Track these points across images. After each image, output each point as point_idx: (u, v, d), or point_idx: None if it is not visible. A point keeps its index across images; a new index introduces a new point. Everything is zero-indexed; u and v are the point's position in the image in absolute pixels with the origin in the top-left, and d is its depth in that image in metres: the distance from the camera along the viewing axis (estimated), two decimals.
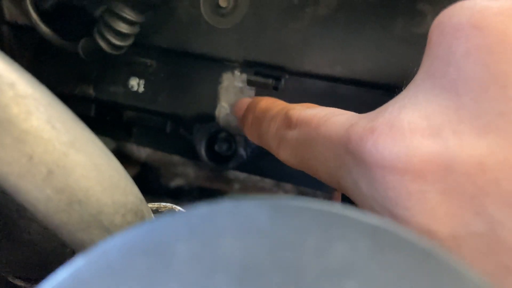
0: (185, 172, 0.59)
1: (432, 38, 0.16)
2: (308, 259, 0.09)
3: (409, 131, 0.15)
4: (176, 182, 0.63)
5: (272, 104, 0.26)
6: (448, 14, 0.16)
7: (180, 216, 0.10)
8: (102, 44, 0.29)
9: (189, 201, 0.60)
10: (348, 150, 0.17)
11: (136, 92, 0.35)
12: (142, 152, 0.55)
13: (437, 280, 0.09)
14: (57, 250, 0.23)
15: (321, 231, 0.09)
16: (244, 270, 0.09)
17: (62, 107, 0.16)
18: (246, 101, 0.30)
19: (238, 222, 0.09)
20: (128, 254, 0.09)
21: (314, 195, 0.40)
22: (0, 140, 0.14)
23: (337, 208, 0.10)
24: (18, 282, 0.23)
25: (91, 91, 0.36)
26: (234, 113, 0.32)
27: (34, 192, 0.15)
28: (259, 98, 0.28)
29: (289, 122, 0.22)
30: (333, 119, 0.19)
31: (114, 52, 0.30)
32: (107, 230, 0.16)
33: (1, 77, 0.14)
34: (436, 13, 0.29)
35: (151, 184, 0.62)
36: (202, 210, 0.10)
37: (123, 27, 0.28)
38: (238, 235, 0.09)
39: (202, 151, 0.37)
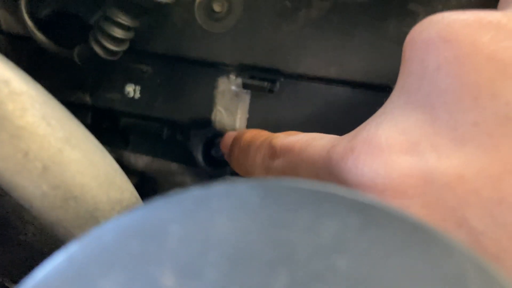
0: (183, 181, 0.59)
1: (405, 55, 0.17)
2: (299, 236, 0.09)
3: (387, 147, 0.15)
4: (174, 192, 0.63)
5: (256, 135, 0.26)
6: (418, 30, 0.16)
7: (174, 199, 0.10)
8: (97, 49, 0.29)
9: None
10: (330, 171, 0.17)
11: (132, 98, 0.36)
12: (140, 162, 0.55)
13: (426, 252, 0.09)
14: (53, 252, 0.23)
15: (311, 209, 0.09)
16: (236, 249, 0.09)
17: (57, 104, 0.16)
18: (231, 135, 0.31)
19: (230, 203, 0.10)
20: (122, 237, 0.09)
21: None
22: None
23: (327, 187, 0.10)
24: (13, 287, 0.23)
25: (87, 99, 0.37)
26: (221, 147, 0.33)
27: (30, 188, 0.15)
28: (244, 130, 0.29)
29: (273, 152, 0.22)
30: (314, 143, 0.19)
31: (109, 58, 0.30)
32: None
33: None
34: (427, 13, 0.30)
35: (149, 194, 0.62)
36: (195, 193, 0.10)
37: (117, 32, 0.28)
38: (231, 216, 0.09)
39: (199, 156, 0.38)
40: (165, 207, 0.10)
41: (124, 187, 0.17)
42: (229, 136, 0.31)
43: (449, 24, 0.15)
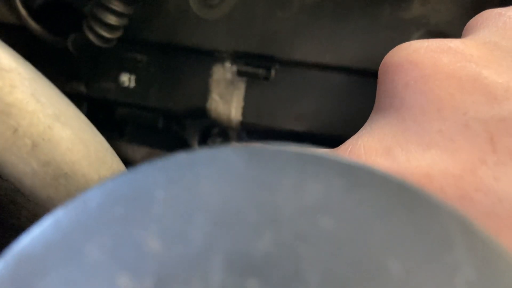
0: None
1: (379, 79, 0.19)
2: (284, 198, 0.09)
3: (364, 153, 0.17)
4: None
5: None
6: (390, 55, 0.19)
7: (158, 164, 0.10)
8: (91, 36, 0.29)
9: None
10: None
11: (127, 87, 0.36)
12: (137, 154, 0.55)
13: (411, 211, 0.09)
14: None
15: (296, 171, 0.09)
16: (221, 212, 0.09)
17: (47, 82, 0.16)
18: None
19: (215, 167, 0.10)
20: (107, 202, 0.09)
21: None
22: None
23: (311, 150, 0.10)
24: None
25: (82, 88, 0.37)
26: None
27: (20, 165, 0.15)
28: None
29: None
30: None
31: (103, 45, 0.30)
32: None
33: None
34: None
35: None
36: (180, 158, 0.10)
37: (111, 19, 0.28)
38: (216, 180, 0.09)
39: (196, 147, 0.37)
40: (150, 172, 0.10)
41: (115, 166, 0.17)
42: None
43: (415, 50, 0.18)
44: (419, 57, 0.18)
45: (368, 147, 0.17)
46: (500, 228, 0.14)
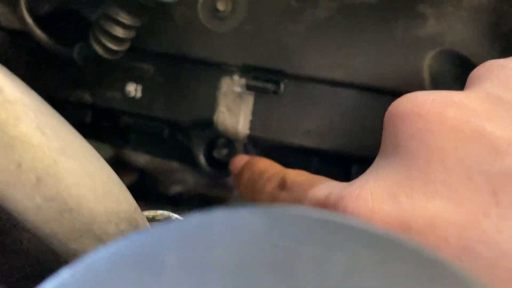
0: (184, 179, 0.58)
1: (385, 126, 0.20)
2: (307, 269, 0.08)
3: (371, 199, 0.18)
4: (175, 189, 0.62)
5: (269, 166, 0.30)
6: (396, 105, 0.20)
7: (171, 226, 0.09)
8: (98, 49, 0.28)
9: (188, 208, 0.59)
10: None
11: (133, 98, 0.35)
12: (141, 158, 0.54)
13: None
14: (50, 260, 0.22)
15: (319, 240, 0.09)
16: (237, 281, 0.08)
17: (53, 112, 0.16)
18: (244, 158, 0.34)
19: (231, 230, 0.09)
20: (116, 266, 0.09)
21: None
22: None
23: (337, 216, 0.09)
24: None
25: (87, 97, 0.36)
26: (231, 167, 0.34)
27: (23, 200, 0.14)
28: (258, 158, 0.32)
29: (283, 184, 0.26)
30: (317, 186, 0.23)
31: (110, 57, 0.29)
32: (100, 240, 0.16)
33: None
34: (437, 15, 0.29)
35: (150, 191, 0.61)
36: (195, 219, 0.09)
37: (118, 32, 0.28)
38: (231, 244, 0.09)
39: (201, 157, 0.37)
40: (162, 234, 0.09)
41: (122, 198, 0.17)
42: (241, 159, 0.33)
43: (421, 103, 0.19)
44: (424, 110, 0.18)
45: (375, 193, 0.18)
46: (503, 280, 0.15)
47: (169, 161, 0.44)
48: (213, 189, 0.49)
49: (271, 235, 0.09)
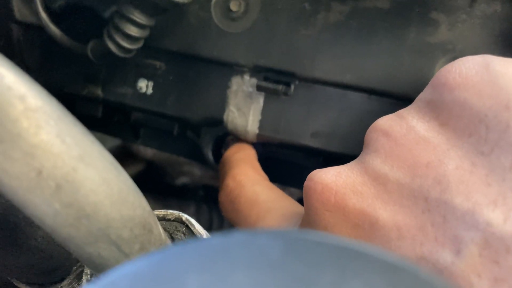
0: (190, 171, 0.58)
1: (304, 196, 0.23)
2: None
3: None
4: (181, 180, 0.62)
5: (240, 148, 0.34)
6: (310, 178, 0.23)
7: (192, 247, 0.10)
8: (112, 46, 0.29)
9: (194, 200, 0.60)
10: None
11: (145, 94, 0.35)
12: (148, 150, 0.54)
13: None
14: (63, 256, 0.23)
15: (336, 267, 0.09)
16: None
17: (72, 120, 0.16)
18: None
19: (250, 254, 0.09)
20: (136, 285, 0.09)
21: None
22: (10, 154, 0.14)
23: (353, 243, 0.09)
24: (22, 287, 0.23)
25: (99, 92, 0.36)
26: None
27: (42, 206, 0.14)
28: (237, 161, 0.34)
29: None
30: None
31: (123, 55, 0.30)
32: (115, 244, 0.16)
33: (12, 89, 0.14)
34: (450, 23, 0.29)
35: (157, 182, 0.61)
36: (215, 242, 0.10)
37: (133, 31, 0.28)
38: (250, 268, 0.09)
39: (209, 154, 0.37)
40: (183, 255, 0.10)
41: (137, 203, 0.17)
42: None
43: (328, 184, 0.22)
44: (331, 193, 0.21)
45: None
46: None
47: (178, 157, 0.45)
48: (219, 181, 0.50)
49: (288, 260, 0.09)
